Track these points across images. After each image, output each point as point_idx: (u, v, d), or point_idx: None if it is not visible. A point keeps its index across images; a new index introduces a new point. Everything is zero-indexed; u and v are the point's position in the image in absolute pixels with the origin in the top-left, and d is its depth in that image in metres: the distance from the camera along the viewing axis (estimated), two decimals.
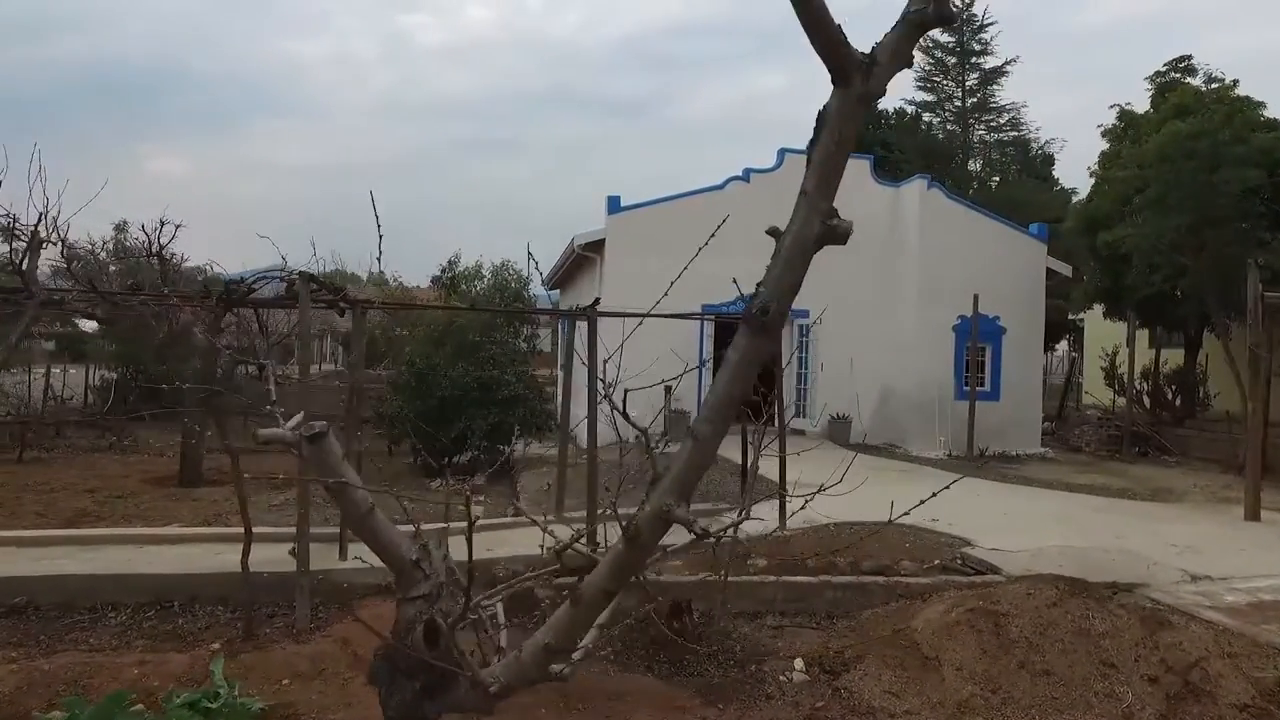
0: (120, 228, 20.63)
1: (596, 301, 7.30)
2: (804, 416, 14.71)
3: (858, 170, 15.19)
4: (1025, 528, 8.19)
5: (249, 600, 5.52)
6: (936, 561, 7.06)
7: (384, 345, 19.57)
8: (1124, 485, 11.33)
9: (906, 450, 14.05)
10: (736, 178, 14.52)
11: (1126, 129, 15.55)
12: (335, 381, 21.11)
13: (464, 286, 21.60)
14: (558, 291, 22.19)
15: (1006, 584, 5.58)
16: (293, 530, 7.91)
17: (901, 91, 29.74)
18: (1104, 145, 16.20)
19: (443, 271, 22.38)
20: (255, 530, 5.52)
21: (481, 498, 10.43)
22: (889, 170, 20.50)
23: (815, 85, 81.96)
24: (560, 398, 9.92)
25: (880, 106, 33.30)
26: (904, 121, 30.96)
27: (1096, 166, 16.23)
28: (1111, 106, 16.11)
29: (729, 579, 6.47)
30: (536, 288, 23.55)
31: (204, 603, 5.98)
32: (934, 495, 2.92)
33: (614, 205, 14.27)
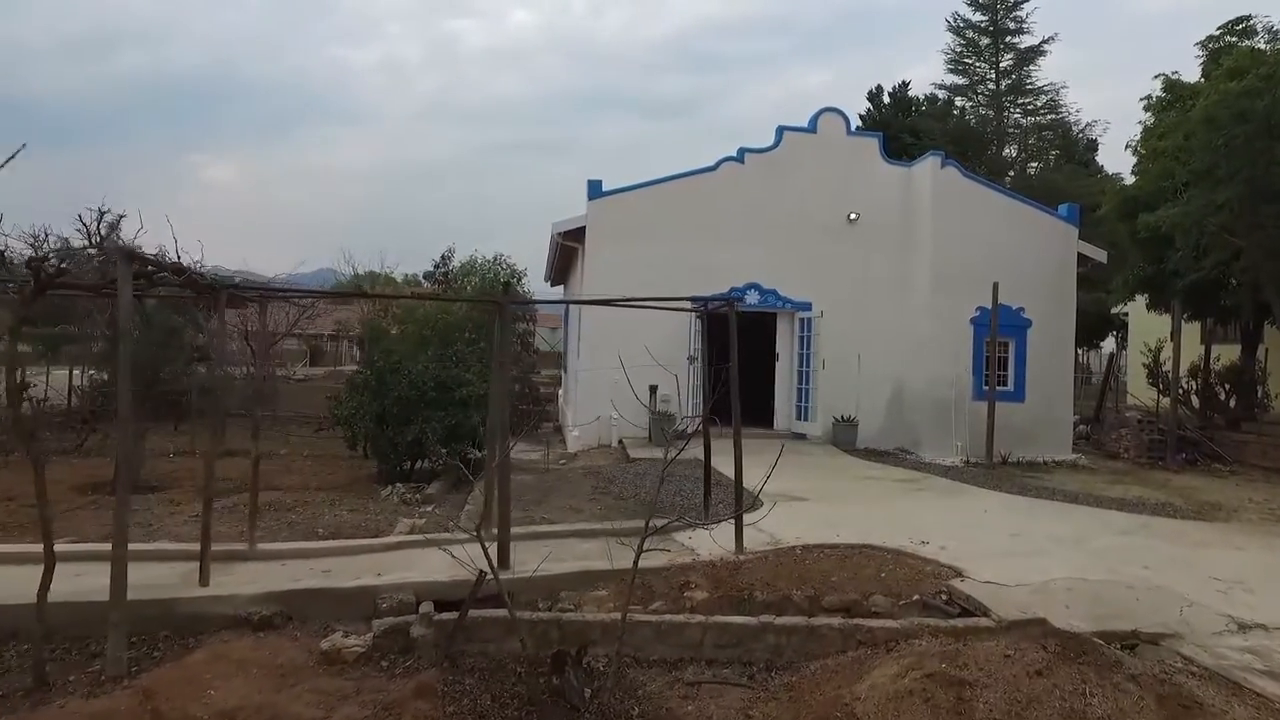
0: (113, 226, 20.45)
1: (506, 287, 6.19)
2: (805, 419, 13.37)
3: (866, 150, 13.79)
4: (1035, 553, 6.82)
5: (41, 640, 4.55)
6: (916, 597, 5.77)
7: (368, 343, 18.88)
8: (1163, 499, 9.79)
9: (918, 456, 12.64)
10: (730, 158, 13.25)
11: (1174, 101, 13.88)
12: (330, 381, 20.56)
13: (459, 281, 20.80)
14: (561, 287, 21.17)
15: (981, 639, 4.30)
16: (192, 548, 6.95)
17: (931, 75, 28.17)
18: (1149, 120, 14.52)
19: (436, 266, 21.54)
20: (152, 547, 4.58)
21: (431, 508, 9.44)
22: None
23: (858, 80, 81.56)
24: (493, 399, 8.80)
25: (909, 93, 31.59)
26: (934, 106, 29.28)
27: (1138, 142, 14.56)
28: (1156, 77, 14.47)
29: (644, 618, 5.29)
30: (539, 282, 22.64)
31: (22, 639, 5.01)
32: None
33: (595, 190, 13.13)
